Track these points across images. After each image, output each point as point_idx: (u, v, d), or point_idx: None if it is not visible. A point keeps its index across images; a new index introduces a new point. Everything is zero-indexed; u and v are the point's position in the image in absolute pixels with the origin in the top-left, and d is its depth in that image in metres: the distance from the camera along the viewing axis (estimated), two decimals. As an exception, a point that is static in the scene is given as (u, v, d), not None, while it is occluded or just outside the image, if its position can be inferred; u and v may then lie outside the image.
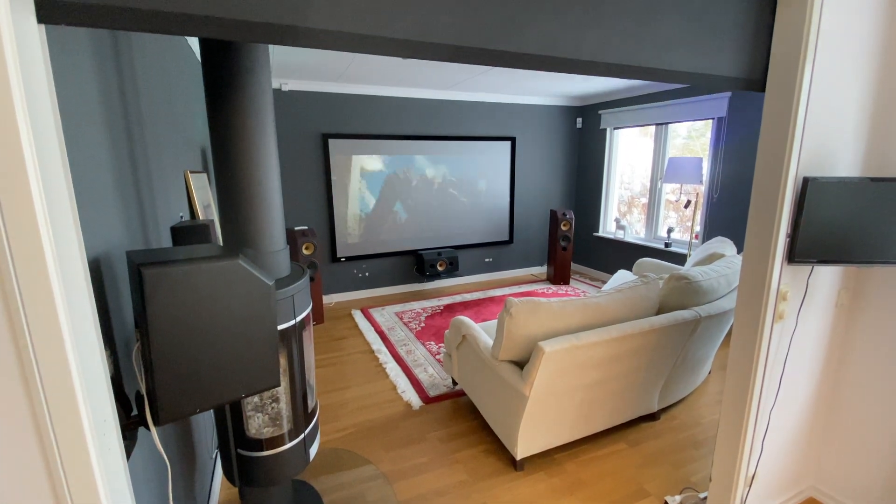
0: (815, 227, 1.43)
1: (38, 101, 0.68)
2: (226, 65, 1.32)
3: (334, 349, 3.53)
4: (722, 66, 1.34)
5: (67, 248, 0.74)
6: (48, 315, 0.70)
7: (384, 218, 4.79)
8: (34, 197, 0.67)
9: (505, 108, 5.18)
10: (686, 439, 2.37)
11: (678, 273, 2.36)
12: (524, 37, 1.06)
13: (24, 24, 0.65)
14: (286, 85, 4.13)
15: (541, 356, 1.84)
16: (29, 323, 0.69)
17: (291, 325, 1.43)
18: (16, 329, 0.69)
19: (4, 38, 0.61)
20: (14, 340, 0.70)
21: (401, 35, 0.94)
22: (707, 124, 4.32)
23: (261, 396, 1.50)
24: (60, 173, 0.74)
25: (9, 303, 0.68)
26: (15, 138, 0.64)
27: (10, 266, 0.67)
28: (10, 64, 0.62)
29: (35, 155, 0.67)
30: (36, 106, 0.68)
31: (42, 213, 0.68)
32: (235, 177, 1.37)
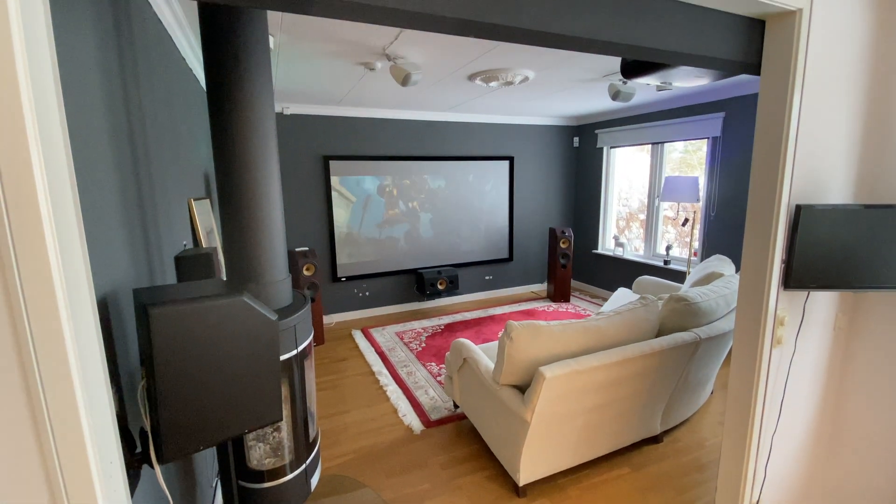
0: (810, 254, 1.46)
1: (52, 144, 0.70)
2: (230, 94, 1.36)
3: (335, 371, 3.52)
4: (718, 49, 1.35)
5: (78, 292, 0.76)
6: (59, 361, 0.71)
7: (384, 237, 4.82)
8: (48, 243, 0.69)
9: (503, 129, 5.26)
10: (690, 462, 2.35)
11: (677, 294, 2.37)
12: (520, 12, 1.07)
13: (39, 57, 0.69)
14: (288, 109, 4.21)
15: (542, 382, 1.85)
16: (41, 371, 0.71)
17: (293, 354, 1.44)
18: (28, 379, 0.71)
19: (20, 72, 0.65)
20: (26, 389, 0.71)
21: (398, 5, 0.96)
22: (704, 139, 4.39)
23: (262, 426, 1.50)
24: (73, 217, 0.76)
25: (21, 350, 0.70)
26: (31, 185, 0.67)
27: (23, 314, 0.69)
28: (28, 117, 0.65)
29: (49, 200, 0.69)
30: (50, 151, 0.70)
31: (55, 260, 0.70)
32: (240, 213, 1.40)
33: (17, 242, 0.67)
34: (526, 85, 3.49)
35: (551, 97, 4.07)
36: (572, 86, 3.59)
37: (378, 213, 4.74)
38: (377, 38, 2.33)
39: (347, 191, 4.55)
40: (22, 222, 0.67)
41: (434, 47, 2.50)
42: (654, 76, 1.93)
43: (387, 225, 4.81)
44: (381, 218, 4.77)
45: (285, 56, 2.65)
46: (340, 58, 2.69)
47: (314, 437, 1.64)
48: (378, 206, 4.73)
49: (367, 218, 4.71)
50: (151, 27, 1.68)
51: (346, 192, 4.55)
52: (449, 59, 2.76)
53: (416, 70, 2.60)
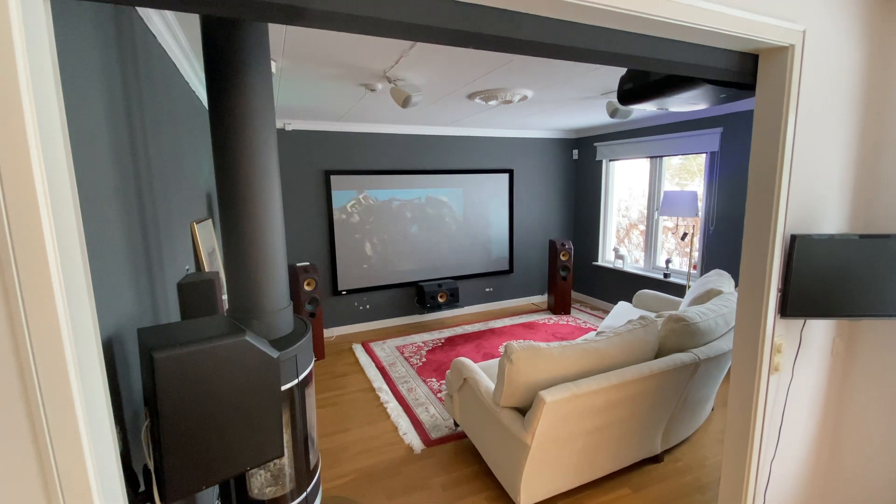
0: (806, 283, 1.47)
1: (57, 177, 0.71)
2: (232, 116, 1.38)
3: (335, 387, 3.52)
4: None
5: (84, 336, 0.78)
6: (65, 408, 0.73)
7: (385, 251, 4.85)
8: (55, 290, 0.70)
9: (502, 142, 5.30)
10: (691, 483, 2.35)
11: (676, 315, 2.38)
12: (521, 25, 1.07)
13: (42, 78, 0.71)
14: (290, 125, 4.25)
15: (542, 406, 1.85)
16: (48, 416, 0.72)
17: (295, 384, 1.45)
18: (35, 423, 0.72)
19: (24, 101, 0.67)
20: (33, 434, 0.73)
21: (397, 17, 0.95)
22: (700, 157, 4.42)
23: (263, 455, 1.51)
24: (79, 260, 0.78)
25: (28, 395, 0.71)
26: (37, 223, 0.67)
27: (31, 360, 0.70)
28: (32, 141, 0.66)
29: (56, 242, 0.71)
30: (56, 183, 0.71)
31: (63, 306, 0.72)
32: (242, 247, 1.42)
33: (26, 293, 0.69)
34: (525, 103, 3.53)
35: (550, 113, 4.11)
36: (571, 103, 3.63)
37: (378, 226, 4.77)
38: (378, 61, 2.36)
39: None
40: (30, 271, 0.68)
41: (434, 69, 2.54)
42: (651, 103, 1.96)
43: (388, 238, 4.84)
44: (382, 231, 4.80)
45: (287, 78, 2.69)
46: (341, 80, 2.73)
47: (315, 464, 1.65)
48: (378, 220, 4.76)
49: (368, 232, 4.73)
50: (154, 50, 1.71)
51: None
52: (449, 81, 2.79)
53: (417, 92, 2.64)
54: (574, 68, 2.57)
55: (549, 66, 2.51)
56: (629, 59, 1.25)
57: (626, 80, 1.91)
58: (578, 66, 2.53)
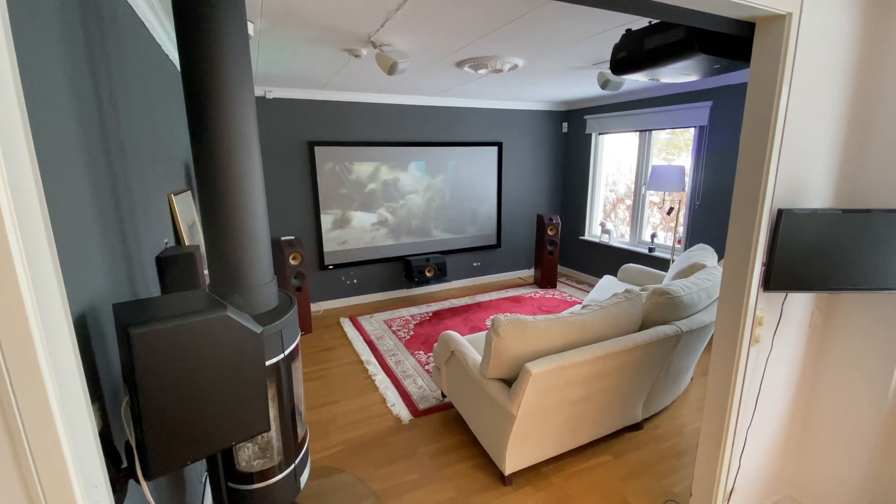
0: (789, 257, 1.49)
1: (12, 142, 0.65)
2: (205, 78, 1.29)
3: (323, 360, 3.53)
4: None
5: (52, 311, 0.74)
6: (35, 386, 0.70)
7: (372, 225, 4.78)
8: (16, 264, 0.66)
9: (492, 114, 5.19)
10: (669, 449, 2.44)
11: (660, 288, 2.42)
12: None
13: None
14: (270, 93, 4.08)
15: (528, 378, 1.88)
16: (17, 395, 0.69)
17: (280, 358, 1.44)
18: (4, 403, 0.69)
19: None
20: (2, 413, 0.70)
21: None
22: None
23: (250, 429, 1.51)
24: (41, 228, 0.72)
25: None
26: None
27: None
28: None
29: (13, 211, 0.66)
30: (12, 153, 0.65)
31: (25, 281, 0.68)
32: (221, 218, 1.36)
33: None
34: (515, 72, 3.43)
35: (540, 84, 4.02)
36: (562, 74, 3.55)
37: (364, 199, 4.69)
38: (362, 24, 2.25)
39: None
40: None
41: (422, 35, 2.43)
42: (644, 73, 1.91)
43: (374, 212, 4.77)
44: (368, 205, 4.72)
45: (266, 42, 2.55)
46: (324, 44, 2.60)
47: (303, 436, 1.66)
48: (364, 193, 4.68)
49: (354, 205, 4.65)
50: (121, 9, 1.59)
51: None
52: (437, 47, 2.69)
53: (403, 58, 2.53)
54: (567, 36, 2.49)
55: (541, 33, 2.43)
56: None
57: (620, 49, 1.85)
58: (571, 34, 2.45)
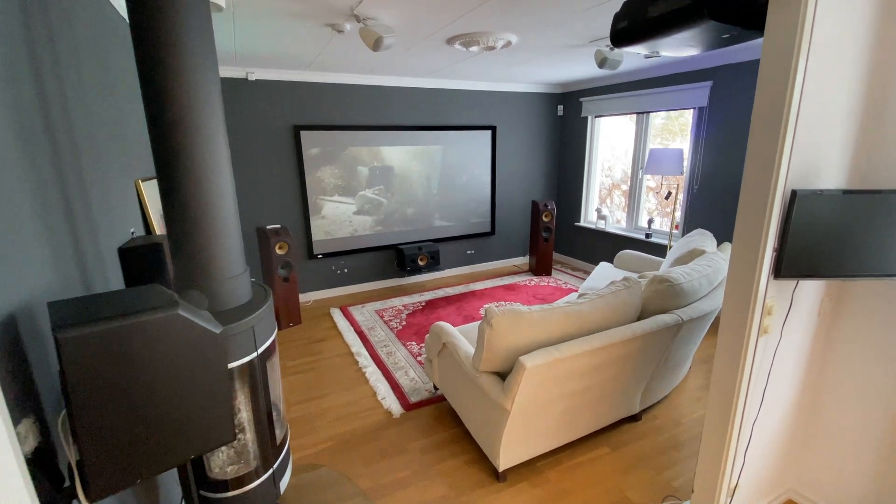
0: (803, 242, 1.38)
1: None
2: (161, 48, 1.15)
3: (312, 353, 3.42)
4: None
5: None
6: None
7: (362, 212, 4.64)
8: None
9: (485, 96, 5.02)
10: (668, 441, 2.37)
11: (660, 276, 2.32)
12: None
13: None
14: (253, 74, 3.89)
15: (522, 372, 1.78)
16: None
17: (253, 357, 1.32)
18: None
19: None
20: None
21: None
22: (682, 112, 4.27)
23: (224, 432, 1.40)
24: None
25: None
26: None
27: None
28: None
29: None
30: None
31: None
32: (184, 204, 1.23)
33: None
34: (508, 50, 3.27)
35: (535, 63, 3.86)
36: (557, 52, 3.39)
37: (353, 186, 4.54)
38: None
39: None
40: None
41: (408, 7, 2.27)
42: (644, 45, 1.78)
43: (364, 199, 4.62)
44: (358, 191, 4.57)
45: (242, 15, 2.38)
46: (304, 19, 2.43)
47: (282, 438, 1.55)
48: (354, 179, 4.52)
49: (343, 192, 4.50)
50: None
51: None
52: (425, 22, 2.52)
53: (389, 33, 2.37)
54: (563, 8, 2.33)
55: (536, 4, 2.27)
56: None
57: (621, 18, 1.71)
58: (567, 6, 2.29)
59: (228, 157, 1.32)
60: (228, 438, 0.98)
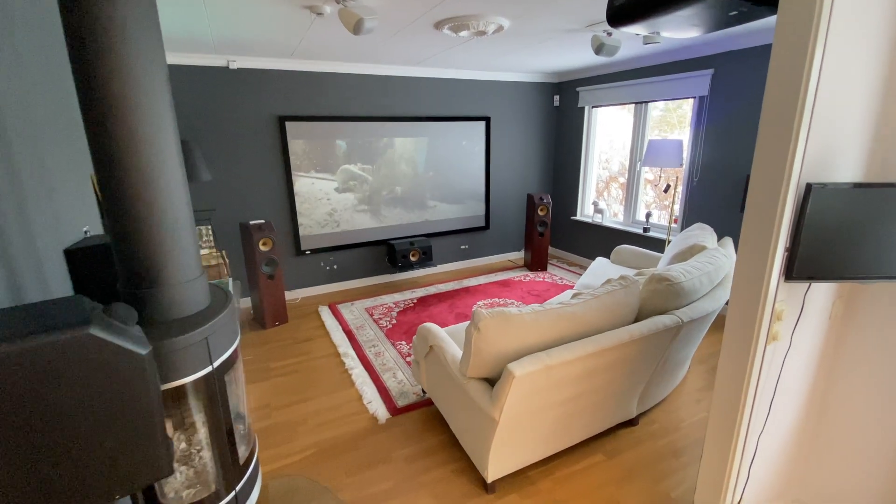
0: (817, 241, 1.25)
1: None
2: (91, 18, 1.01)
3: (297, 353, 3.30)
4: None
5: None
6: None
7: (351, 207, 4.49)
8: None
9: (478, 86, 4.86)
10: (666, 447, 2.26)
11: (658, 274, 2.19)
12: None
13: None
14: (234, 62, 3.72)
15: (510, 381, 1.65)
16: None
17: (207, 372, 1.19)
18: None
19: None
20: None
21: None
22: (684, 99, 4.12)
23: (179, 444, 1.27)
24: None
25: None
26: None
27: None
28: None
29: None
30: None
31: None
32: (127, 201, 1.09)
33: None
34: (501, 36, 3.11)
35: (529, 50, 3.69)
36: (552, 37, 3.23)
37: (342, 179, 4.38)
38: (319, -27, 1.93)
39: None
40: None
41: (389, -13, 2.11)
42: (643, 24, 1.63)
43: (353, 193, 4.47)
44: (347, 185, 4.42)
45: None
46: (280, 0, 2.27)
47: (248, 455, 1.43)
48: (343, 172, 4.37)
49: (331, 186, 4.35)
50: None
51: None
52: (409, 3, 2.36)
53: (371, 15, 2.21)
54: (556, -12, 2.18)
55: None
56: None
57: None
58: (561, -14, 2.14)
59: (178, 149, 1.17)
60: (164, 473, 0.85)
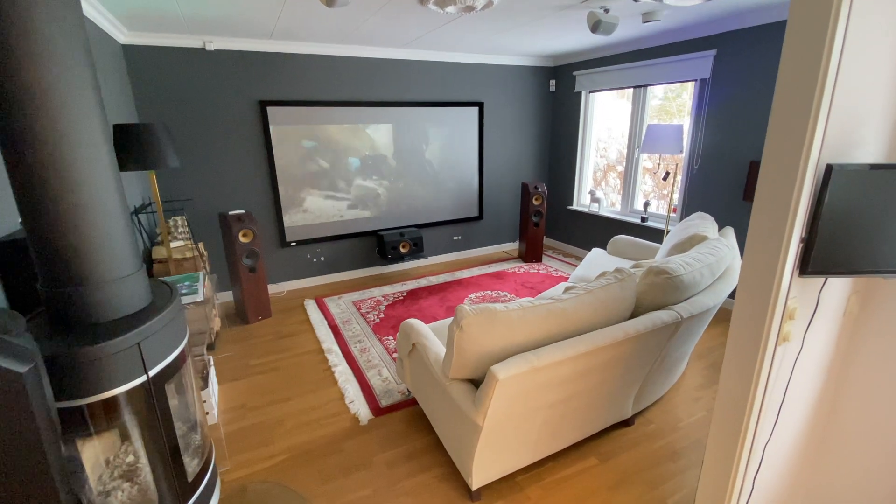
0: (837, 230, 1.10)
1: None
2: None
3: (279, 349, 3.16)
4: None
5: None
6: None
7: (338, 196, 4.32)
8: None
9: (471, 70, 4.66)
10: (663, 449, 2.13)
11: (656, 266, 2.04)
12: None
13: None
14: (211, 44, 3.52)
15: (493, 384, 1.52)
16: None
17: (140, 383, 1.04)
18: None
19: None
20: None
21: None
22: (684, 85, 3.94)
23: (109, 465, 1.13)
24: None
25: None
26: None
27: None
28: None
29: None
30: None
31: None
32: (44, 187, 0.93)
33: None
34: (491, 13, 2.92)
35: (523, 29, 3.50)
36: (546, 15, 3.04)
37: (328, 168, 4.20)
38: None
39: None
40: None
41: (365, -47, 1.93)
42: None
43: (340, 182, 4.29)
44: (333, 174, 4.24)
45: (172, -36, 2.02)
46: (247, -32, 2.08)
47: (199, 472, 1.29)
48: (328, 161, 4.19)
49: (317, 175, 4.17)
50: None
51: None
52: (389, -26, 2.18)
53: (346, -14, 2.03)
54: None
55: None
56: None
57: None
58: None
59: (104, 123, 1.01)
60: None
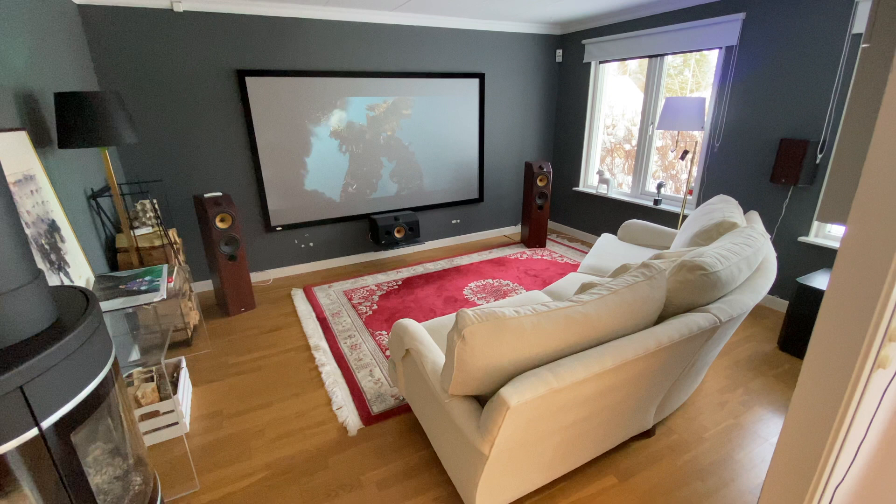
0: (978, 228, 0.81)
1: None
2: None
3: (262, 346, 2.89)
4: None
5: None
6: None
7: (326, 176, 3.99)
8: None
9: (471, 37, 4.26)
10: (689, 465, 1.90)
11: (690, 261, 1.76)
12: None
13: None
14: (179, 4, 3.12)
15: (504, 411, 1.25)
16: None
17: (27, 440, 0.76)
18: None
19: None
20: None
21: None
22: (703, 56, 3.58)
23: None
24: None
25: None
26: None
27: None
28: None
29: None
30: None
31: None
32: None
33: None
34: (495, -34, 2.55)
35: (530, -10, 3.12)
36: (558, -31, 2.66)
37: (316, 145, 3.86)
38: None
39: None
40: None
41: None
42: None
43: (328, 161, 3.96)
44: (321, 152, 3.90)
45: None
46: None
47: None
48: (316, 137, 3.84)
49: (304, 153, 3.83)
50: None
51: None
52: None
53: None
54: None
55: None
56: None
57: None
58: None
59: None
60: None
